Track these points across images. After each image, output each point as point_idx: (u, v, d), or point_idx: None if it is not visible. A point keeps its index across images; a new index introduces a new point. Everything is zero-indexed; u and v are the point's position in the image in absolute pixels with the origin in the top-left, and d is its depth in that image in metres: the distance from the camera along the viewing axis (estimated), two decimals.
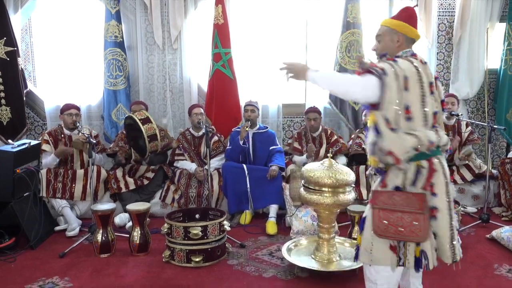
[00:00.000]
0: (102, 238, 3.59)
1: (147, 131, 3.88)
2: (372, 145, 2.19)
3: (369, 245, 2.20)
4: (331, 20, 5.41)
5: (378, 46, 2.40)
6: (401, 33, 2.35)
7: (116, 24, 5.03)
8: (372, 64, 2.20)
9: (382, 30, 2.40)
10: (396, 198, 2.15)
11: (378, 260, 2.19)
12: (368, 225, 2.22)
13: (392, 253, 2.17)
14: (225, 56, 5.07)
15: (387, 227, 2.14)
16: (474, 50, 5.43)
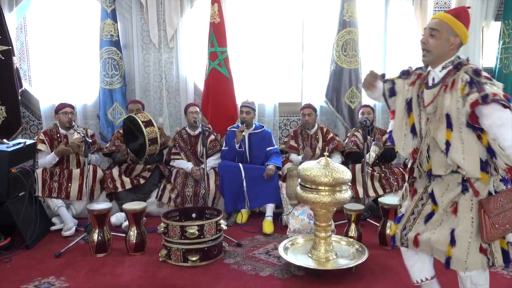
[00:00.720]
0: (98, 238, 3.58)
1: (148, 134, 3.86)
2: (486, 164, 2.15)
3: (464, 254, 2.18)
4: (327, 19, 5.41)
5: (431, 42, 2.23)
6: (459, 36, 2.24)
7: (112, 23, 5.01)
8: (494, 94, 2.03)
9: (441, 26, 2.22)
10: (501, 200, 2.17)
11: (471, 266, 2.19)
12: (464, 236, 2.18)
13: (483, 256, 2.19)
14: (221, 55, 5.06)
15: (496, 231, 2.15)
16: (469, 48, 5.44)
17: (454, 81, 2.17)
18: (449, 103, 2.16)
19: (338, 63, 5.22)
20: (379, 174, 4.54)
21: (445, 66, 2.25)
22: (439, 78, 2.26)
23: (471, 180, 2.17)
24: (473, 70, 2.15)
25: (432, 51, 2.24)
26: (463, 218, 2.19)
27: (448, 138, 2.17)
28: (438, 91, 2.22)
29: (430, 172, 2.28)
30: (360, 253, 3.33)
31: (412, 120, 2.35)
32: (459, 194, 2.20)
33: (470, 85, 2.10)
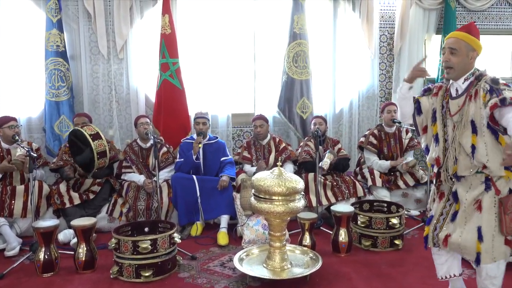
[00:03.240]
0: (45, 257, 3.42)
1: (97, 148, 3.74)
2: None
3: (491, 246, 2.41)
4: (278, 31, 5.51)
5: (453, 59, 2.45)
6: (476, 50, 2.47)
7: (57, 33, 4.86)
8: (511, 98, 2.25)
9: (459, 44, 2.45)
10: None
11: (499, 256, 2.43)
12: (489, 231, 2.40)
13: (507, 247, 2.43)
14: (173, 66, 5.02)
15: None
16: (413, 60, 5.70)
17: (476, 91, 2.40)
18: (473, 111, 2.39)
19: (289, 74, 5.31)
20: (331, 183, 4.64)
21: (467, 78, 2.47)
22: (462, 89, 2.49)
23: (494, 179, 2.40)
24: (491, 79, 2.38)
25: (455, 68, 2.46)
26: (488, 214, 2.40)
27: (474, 142, 2.40)
28: (464, 101, 2.45)
29: (456, 174, 2.50)
30: (314, 261, 3.37)
31: (436, 129, 2.59)
32: (483, 192, 2.42)
33: (491, 93, 2.33)
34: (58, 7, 4.84)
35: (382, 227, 3.85)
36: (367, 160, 4.97)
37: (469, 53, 2.45)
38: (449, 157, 2.51)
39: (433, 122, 2.62)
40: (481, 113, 2.36)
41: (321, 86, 5.69)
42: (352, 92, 5.70)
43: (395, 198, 4.81)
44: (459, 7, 5.83)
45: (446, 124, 2.55)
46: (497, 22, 6.00)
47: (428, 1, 5.64)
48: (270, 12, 5.53)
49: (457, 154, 2.48)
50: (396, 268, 3.49)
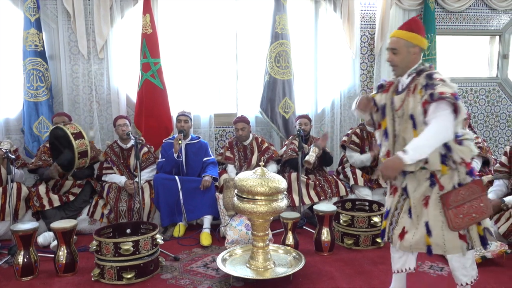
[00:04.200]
0: (24, 260, 3.35)
1: (78, 147, 3.68)
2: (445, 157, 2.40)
3: (441, 240, 2.45)
4: (260, 31, 5.51)
5: (395, 58, 2.53)
6: (417, 45, 2.51)
7: (36, 32, 4.77)
8: (441, 93, 2.30)
9: (398, 43, 2.52)
10: (462, 193, 2.43)
11: (450, 250, 2.47)
12: (436, 225, 2.44)
13: (462, 242, 2.45)
14: (154, 66, 4.98)
15: (463, 219, 2.41)
16: None
17: (415, 86, 2.46)
18: (412, 105, 2.44)
19: (271, 74, 5.32)
20: (314, 182, 4.66)
21: (410, 73, 2.53)
22: (405, 85, 2.54)
23: (437, 176, 2.44)
24: (427, 75, 2.44)
25: (398, 65, 2.54)
26: (433, 209, 2.45)
27: (415, 135, 2.43)
28: (405, 96, 2.50)
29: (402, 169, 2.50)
30: (297, 261, 3.38)
31: (385, 124, 2.63)
32: (428, 188, 2.46)
33: (426, 88, 2.39)
34: (36, 6, 4.75)
35: (364, 225, 3.89)
36: (350, 158, 5.01)
37: (409, 50, 2.50)
38: (396, 151, 2.52)
39: (382, 117, 2.65)
40: (419, 107, 2.40)
41: (303, 86, 5.71)
42: (334, 92, 5.74)
43: (376, 196, 4.85)
44: (438, 8, 5.93)
45: (394, 120, 2.59)
46: (475, 23, 6.12)
47: (408, 2, 5.71)
48: (252, 12, 5.53)
49: (401, 149, 2.47)
50: (378, 266, 3.52)
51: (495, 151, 6.22)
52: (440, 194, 2.43)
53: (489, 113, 6.36)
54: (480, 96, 6.30)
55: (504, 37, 6.24)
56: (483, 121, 6.35)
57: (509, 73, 6.34)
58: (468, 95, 6.26)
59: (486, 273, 3.34)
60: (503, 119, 6.40)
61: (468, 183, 2.46)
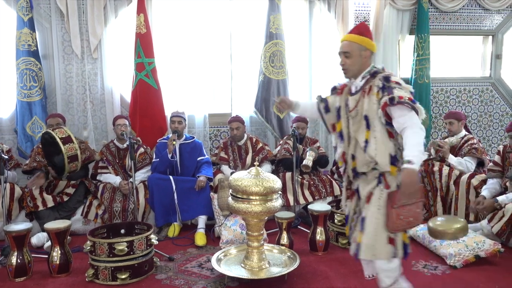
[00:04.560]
0: (17, 261, 3.33)
1: (67, 152, 3.66)
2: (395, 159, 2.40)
3: (373, 241, 2.40)
4: (255, 31, 5.51)
5: (348, 61, 2.55)
6: (368, 49, 2.54)
7: (29, 32, 4.74)
8: (400, 97, 2.30)
9: (351, 47, 2.54)
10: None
11: (380, 254, 2.41)
12: (371, 222, 2.40)
13: (391, 246, 2.41)
14: (148, 66, 4.97)
15: (401, 222, 2.36)
16: (387, 60, 5.79)
17: (370, 87, 2.46)
18: (367, 107, 2.43)
19: (266, 74, 5.31)
20: (309, 182, 4.67)
21: (364, 76, 2.54)
22: (359, 87, 2.54)
23: (385, 175, 2.42)
24: (383, 77, 2.44)
25: (350, 69, 2.56)
26: (373, 206, 2.43)
27: (367, 137, 2.43)
28: (359, 97, 2.50)
29: (355, 170, 2.51)
30: (292, 260, 3.39)
31: (340, 126, 2.61)
32: (374, 186, 2.45)
33: (383, 90, 2.39)
34: (29, 5, 4.73)
35: None
36: None
37: (361, 53, 2.53)
38: (349, 153, 2.55)
39: (337, 119, 2.65)
40: (374, 108, 2.40)
41: (297, 86, 5.72)
42: (328, 91, 5.71)
43: None
44: (432, 8, 5.95)
45: (348, 121, 2.58)
46: (468, 23, 6.15)
47: (402, 2, 5.73)
48: (246, 12, 5.53)
49: (354, 150, 2.51)
50: None
51: (488, 151, 6.25)
52: (387, 192, 2.41)
53: (482, 113, 6.40)
54: (474, 96, 6.33)
55: (497, 37, 6.28)
56: (477, 121, 6.39)
57: (502, 73, 6.38)
58: (461, 95, 6.29)
59: (480, 271, 3.36)
60: (496, 118, 6.44)
61: None
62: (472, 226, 3.89)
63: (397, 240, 2.42)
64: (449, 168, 4.47)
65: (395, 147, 2.42)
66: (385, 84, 2.39)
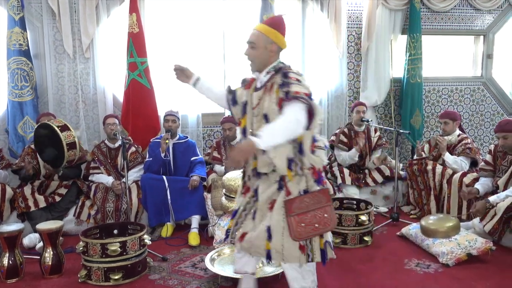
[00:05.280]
0: (9, 262, 3.30)
1: (66, 139, 3.64)
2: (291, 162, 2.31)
3: (280, 247, 2.32)
4: (248, 31, 5.46)
5: (252, 53, 2.43)
6: (275, 43, 2.42)
7: (20, 31, 4.71)
8: (296, 92, 2.23)
9: (257, 37, 2.42)
10: (307, 200, 2.33)
11: (290, 259, 2.34)
12: (277, 231, 2.32)
13: (301, 252, 2.33)
14: (141, 66, 4.95)
15: (304, 229, 2.30)
16: (380, 60, 5.82)
17: (272, 85, 2.37)
18: (267, 105, 2.35)
19: None
20: None
21: (269, 71, 2.43)
22: (263, 82, 2.44)
23: (286, 179, 2.34)
24: (283, 73, 2.35)
25: (255, 61, 2.45)
26: (276, 214, 2.34)
27: None
28: (262, 94, 2.40)
29: (255, 170, 2.42)
30: None
31: (245, 122, 2.50)
32: (276, 191, 2.36)
33: (282, 87, 2.30)
34: (20, 4, 4.69)
35: (352, 224, 3.91)
36: (338, 156, 5.05)
37: (267, 46, 2.41)
38: None
39: (243, 114, 2.53)
40: (274, 107, 2.31)
41: None
42: (321, 91, 5.76)
43: (364, 195, 4.90)
44: (424, 8, 5.99)
45: (252, 118, 2.48)
46: (460, 23, 6.19)
47: (394, 2, 5.76)
48: (239, 12, 5.52)
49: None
50: (365, 264, 3.55)
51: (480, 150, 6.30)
52: (285, 200, 2.33)
53: (474, 112, 6.44)
54: (465, 96, 6.38)
55: (488, 37, 6.33)
56: (468, 120, 6.43)
57: (493, 72, 6.43)
58: (453, 94, 6.34)
59: (472, 269, 3.39)
60: (487, 118, 6.49)
61: (314, 191, 2.38)
62: (464, 225, 3.93)
63: (313, 246, 2.35)
64: (442, 167, 4.50)
65: (294, 150, 2.33)
66: (284, 80, 2.31)
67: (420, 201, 4.71)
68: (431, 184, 4.53)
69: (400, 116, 6.07)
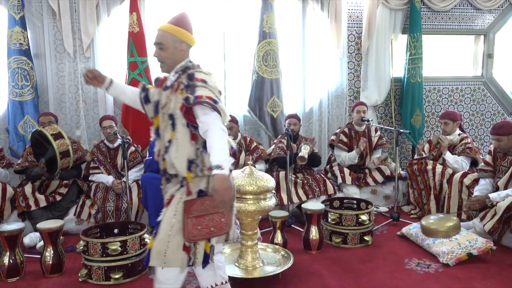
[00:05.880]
0: (10, 261, 3.31)
1: (59, 147, 3.64)
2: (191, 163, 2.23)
3: (164, 247, 2.19)
4: (248, 30, 5.50)
5: (162, 54, 2.34)
6: (185, 42, 2.36)
7: (21, 30, 4.71)
8: (199, 96, 2.14)
9: (165, 38, 2.33)
10: (208, 203, 2.23)
11: (170, 262, 2.21)
12: (165, 227, 2.21)
13: (185, 253, 2.22)
14: (141, 65, 4.95)
15: (200, 231, 2.20)
16: (380, 59, 5.82)
17: (178, 84, 2.29)
18: (173, 105, 2.26)
19: (259, 73, 5.31)
20: (302, 181, 4.67)
21: (177, 71, 2.35)
22: (171, 82, 2.36)
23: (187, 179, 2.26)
24: (188, 75, 2.27)
25: (166, 62, 2.35)
26: (170, 210, 2.25)
27: (171, 137, 2.27)
28: (169, 94, 2.32)
29: (165, 172, 2.34)
30: (286, 259, 3.39)
31: (157, 122, 2.40)
32: (177, 189, 2.28)
33: (187, 89, 2.22)
34: (20, 4, 4.69)
35: (352, 224, 3.91)
36: (338, 157, 5.04)
37: (176, 45, 2.33)
38: (160, 152, 2.36)
39: (155, 114, 2.43)
40: (178, 107, 2.24)
41: (291, 85, 5.72)
42: (322, 91, 5.76)
43: (364, 195, 4.90)
44: (424, 8, 5.98)
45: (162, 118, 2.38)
46: (460, 22, 6.19)
47: (394, 2, 5.75)
48: (240, 11, 5.52)
49: (164, 147, 2.32)
50: (366, 264, 3.55)
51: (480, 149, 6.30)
52: (184, 200, 2.22)
53: (474, 112, 6.44)
54: (466, 95, 6.37)
55: (489, 36, 6.32)
56: (469, 120, 6.43)
57: (493, 72, 6.43)
58: (453, 94, 6.34)
59: (472, 269, 3.39)
60: (488, 117, 6.49)
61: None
62: (464, 225, 3.93)
63: (198, 248, 2.24)
64: (442, 167, 4.50)
65: (196, 151, 2.25)
66: (189, 82, 2.23)
67: (420, 200, 4.71)
68: (431, 184, 4.53)
69: (401, 115, 6.07)
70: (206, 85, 2.22)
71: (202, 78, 2.24)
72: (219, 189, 2.01)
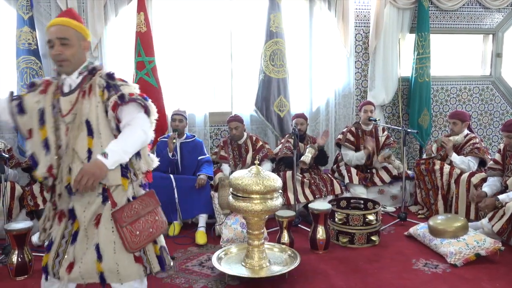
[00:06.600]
0: (18, 260, 3.33)
1: None
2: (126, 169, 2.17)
3: (114, 266, 2.11)
4: (255, 30, 5.50)
5: (67, 52, 2.12)
6: (87, 39, 2.24)
7: (29, 30, 4.74)
8: (130, 94, 2.10)
9: (69, 33, 2.13)
10: (136, 206, 2.17)
11: (126, 278, 2.14)
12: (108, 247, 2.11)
13: (139, 265, 2.17)
14: (148, 65, 4.96)
15: (139, 237, 2.13)
16: (388, 59, 5.79)
17: (91, 86, 2.15)
18: (88, 110, 2.10)
19: (266, 73, 5.31)
20: (309, 181, 4.67)
21: (81, 71, 2.19)
22: (76, 84, 2.19)
23: (110, 190, 2.13)
24: (107, 75, 2.18)
25: (71, 60, 2.15)
26: (104, 229, 2.11)
27: (90, 145, 2.09)
28: (77, 98, 2.14)
29: (69, 186, 2.11)
30: (293, 259, 3.39)
31: (45, 133, 2.16)
32: (101, 205, 2.13)
33: (108, 89, 2.12)
34: (29, 4, 4.72)
35: (359, 223, 3.90)
36: (345, 156, 5.03)
37: (81, 43, 2.17)
38: (64, 166, 2.11)
39: (41, 125, 2.17)
40: (98, 111, 2.10)
41: (298, 85, 5.71)
42: (329, 90, 5.75)
43: (371, 195, 4.88)
44: (432, 7, 5.94)
45: (58, 127, 2.15)
46: (468, 21, 6.14)
47: (402, 1, 5.72)
48: (247, 11, 5.52)
49: (72, 162, 2.10)
50: (373, 264, 3.54)
51: (488, 149, 6.26)
52: (112, 211, 2.11)
53: (482, 112, 6.40)
54: (474, 95, 6.33)
55: (498, 35, 6.27)
56: (477, 120, 6.39)
57: (502, 71, 6.38)
58: (462, 93, 6.29)
59: (480, 270, 3.37)
60: (496, 117, 6.44)
61: (141, 195, 2.24)
62: (472, 225, 3.91)
63: (149, 256, 2.20)
64: (450, 167, 4.47)
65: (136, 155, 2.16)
66: (110, 82, 2.13)
67: (427, 201, 4.69)
68: (438, 184, 4.51)
69: (408, 115, 6.04)
70: (128, 84, 2.17)
71: (120, 77, 2.18)
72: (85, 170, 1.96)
